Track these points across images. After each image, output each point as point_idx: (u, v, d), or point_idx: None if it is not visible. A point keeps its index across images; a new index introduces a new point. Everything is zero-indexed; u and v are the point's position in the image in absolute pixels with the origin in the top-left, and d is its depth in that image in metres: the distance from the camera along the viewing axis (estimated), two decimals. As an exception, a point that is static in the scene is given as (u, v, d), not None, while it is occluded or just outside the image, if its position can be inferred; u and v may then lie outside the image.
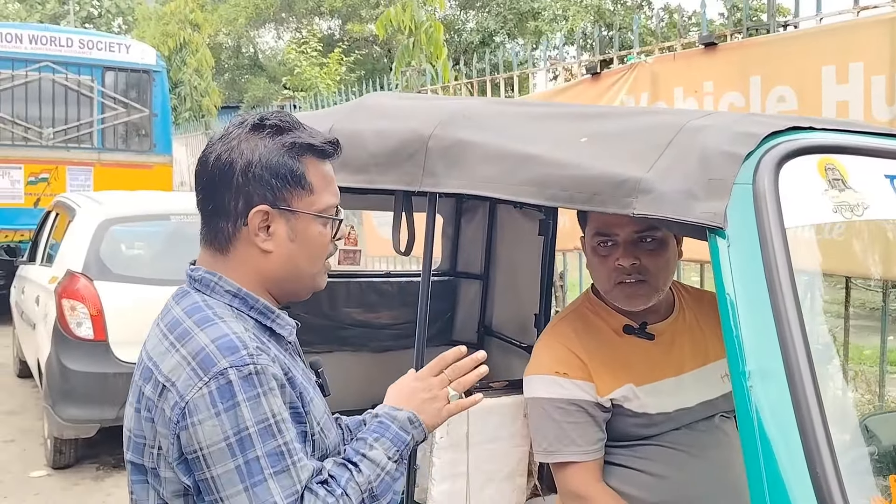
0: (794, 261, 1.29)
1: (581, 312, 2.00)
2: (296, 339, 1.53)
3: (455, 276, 3.46)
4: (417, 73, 7.63)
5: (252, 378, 1.24)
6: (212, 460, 1.23)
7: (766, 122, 1.45)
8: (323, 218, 1.41)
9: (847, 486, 1.14)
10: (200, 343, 1.27)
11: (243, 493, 1.22)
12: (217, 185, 1.37)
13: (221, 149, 1.38)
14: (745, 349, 1.24)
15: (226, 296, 1.37)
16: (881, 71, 3.43)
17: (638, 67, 4.80)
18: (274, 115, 1.43)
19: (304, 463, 1.27)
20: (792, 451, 1.17)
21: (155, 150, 10.01)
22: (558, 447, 1.85)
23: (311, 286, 1.46)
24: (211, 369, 1.24)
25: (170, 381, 1.26)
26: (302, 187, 1.38)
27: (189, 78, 14.57)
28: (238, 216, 1.36)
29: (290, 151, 1.38)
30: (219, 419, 1.22)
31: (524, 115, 1.94)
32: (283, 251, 1.38)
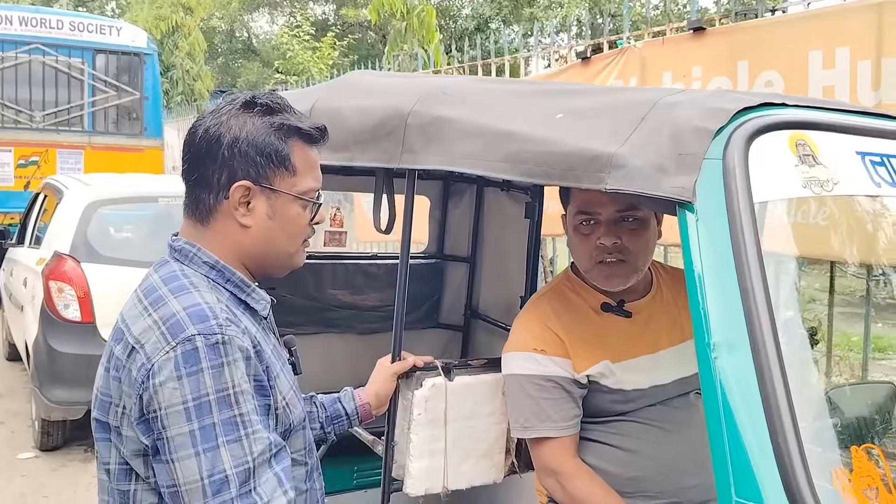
0: (769, 241, 1.30)
1: (560, 290, 2.01)
2: (272, 317, 1.55)
3: (442, 258, 3.47)
4: (410, 58, 7.62)
5: (218, 347, 1.27)
6: (168, 422, 1.25)
7: (739, 98, 1.45)
8: (302, 200, 1.45)
9: (809, 458, 1.16)
10: (172, 309, 1.31)
11: (194, 458, 1.24)
12: (203, 157, 1.41)
13: (211, 122, 1.42)
14: (711, 321, 1.25)
15: (203, 267, 1.41)
16: (867, 56, 3.45)
17: (627, 52, 4.81)
18: (265, 95, 1.47)
19: (261, 436, 1.29)
20: (755, 422, 1.18)
21: (146, 134, 9.97)
22: (534, 423, 1.86)
23: (287, 265, 1.50)
24: (179, 335, 1.27)
25: (139, 343, 1.30)
26: (285, 168, 1.42)
27: (181, 62, 14.49)
28: (220, 189, 1.40)
29: (278, 132, 1.42)
30: (180, 383, 1.25)
31: (502, 92, 1.94)
32: (261, 227, 1.42)
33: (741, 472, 1.18)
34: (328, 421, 1.86)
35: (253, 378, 1.33)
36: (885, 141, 1.49)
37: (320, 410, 1.86)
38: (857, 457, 1.30)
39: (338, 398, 1.91)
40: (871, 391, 1.78)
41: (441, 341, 3.44)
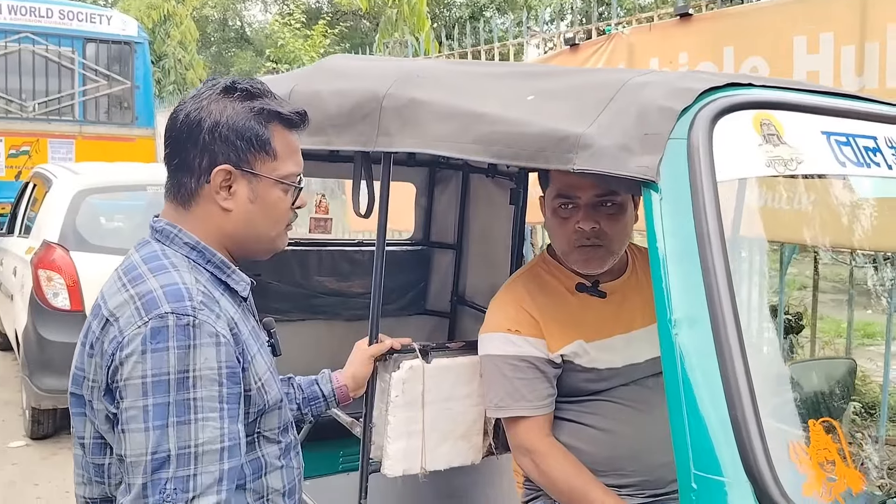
0: (744, 225, 1.32)
1: (536, 272, 2.02)
2: (251, 299, 1.57)
3: (428, 245, 3.48)
4: (400, 45, 7.60)
5: (188, 329, 1.29)
6: (125, 393, 1.27)
7: (705, 79, 1.46)
8: (283, 184, 1.46)
9: (767, 431, 1.18)
10: (150, 286, 1.33)
11: (143, 433, 1.26)
12: (184, 142, 1.42)
13: (192, 107, 1.43)
14: (673, 298, 1.27)
15: (184, 247, 1.42)
16: (851, 41, 3.46)
17: (615, 39, 4.81)
18: (245, 80, 1.48)
19: (212, 424, 1.29)
20: (714, 396, 1.20)
21: (137, 123, 9.94)
22: (509, 402, 1.88)
23: (269, 248, 1.53)
24: (153, 311, 1.29)
25: (114, 316, 1.32)
26: (266, 152, 1.44)
27: (173, 51, 14.43)
28: (202, 173, 1.42)
29: (258, 117, 1.43)
30: (143, 357, 1.26)
31: (475, 75, 1.95)
32: (242, 211, 1.44)
33: (700, 445, 1.20)
34: (305, 402, 1.88)
35: (225, 364, 1.33)
36: (850, 121, 1.51)
37: (297, 392, 1.87)
38: (814, 430, 1.32)
39: (315, 380, 1.92)
40: (831, 367, 1.80)
41: (427, 328, 3.46)
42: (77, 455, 1.43)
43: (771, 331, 1.74)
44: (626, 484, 1.86)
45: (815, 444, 1.30)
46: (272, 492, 1.49)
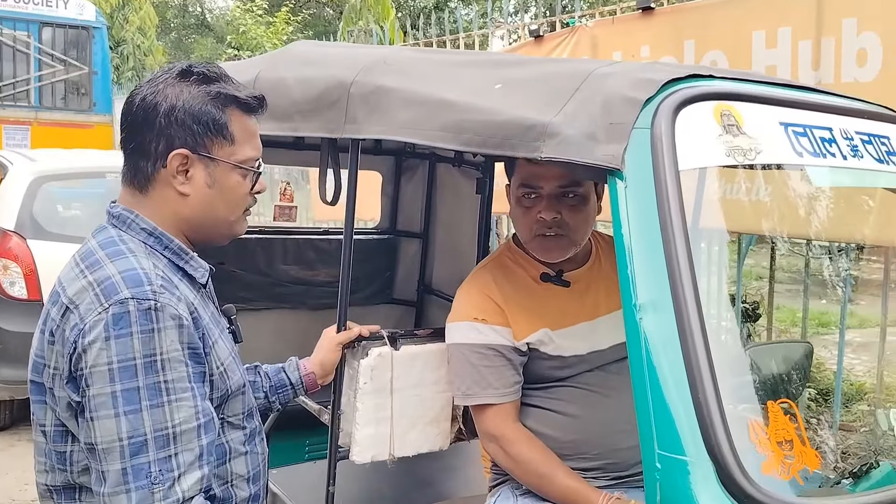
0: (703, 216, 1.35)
1: (501, 261, 2.05)
2: (211, 286, 1.57)
3: (395, 234, 3.49)
4: (365, 34, 7.57)
5: (150, 313, 1.29)
6: (91, 380, 1.27)
7: (668, 70, 1.50)
8: (241, 169, 1.47)
9: (727, 410, 1.22)
10: (108, 272, 1.32)
11: (113, 419, 1.26)
12: (140, 126, 1.42)
13: (147, 91, 1.43)
14: (637, 283, 1.30)
15: (141, 233, 1.42)
16: (808, 36, 3.54)
17: (579, 31, 4.86)
18: (202, 64, 1.48)
19: (186, 404, 1.31)
20: (677, 378, 1.24)
21: (95, 110, 9.74)
22: (476, 390, 1.90)
23: (227, 233, 1.53)
24: (113, 297, 1.29)
25: (73, 304, 1.31)
26: (223, 137, 1.44)
27: (132, 36, 14.16)
28: (158, 157, 1.41)
29: (215, 101, 1.43)
30: (107, 344, 1.26)
31: (443, 63, 1.96)
32: (200, 196, 1.44)
33: (663, 426, 1.23)
34: (272, 390, 1.88)
35: (187, 346, 1.34)
36: (807, 112, 1.55)
37: (264, 380, 1.88)
38: (773, 411, 1.37)
39: (282, 368, 1.93)
40: (789, 350, 1.86)
41: (394, 316, 3.47)
42: (38, 443, 1.43)
43: (731, 315, 1.79)
44: (591, 467, 1.90)
45: (773, 425, 1.34)
46: (236, 477, 1.50)
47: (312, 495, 2.26)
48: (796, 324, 7.11)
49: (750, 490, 1.17)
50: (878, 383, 3.64)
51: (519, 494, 1.94)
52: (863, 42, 3.28)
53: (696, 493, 1.19)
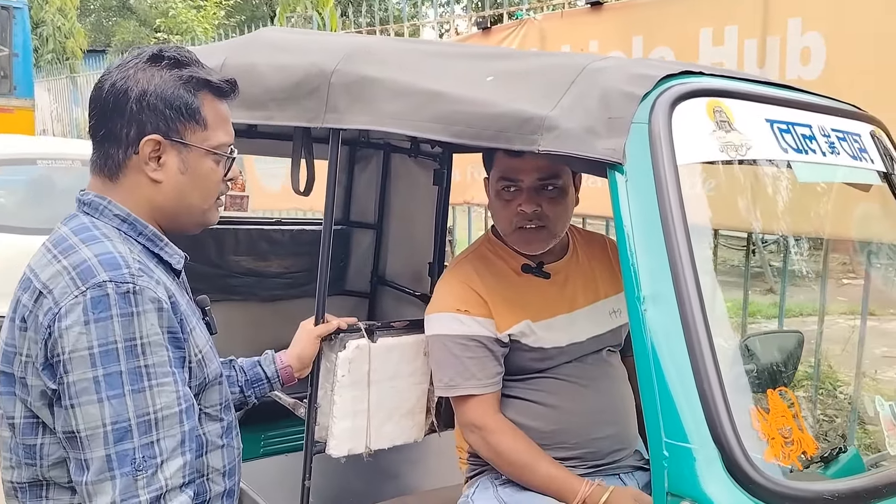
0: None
1: (481, 253, 2.06)
2: (184, 275, 1.55)
3: (348, 225, 3.45)
4: (303, 21, 7.45)
5: (129, 296, 1.26)
6: (71, 366, 1.24)
7: (661, 66, 1.53)
8: (215, 155, 1.45)
9: (730, 399, 1.25)
10: (83, 256, 1.30)
11: (96, 404, 1.24)
12: (110, 112, 1.39)
13: (118, 76, 1.39)
14: (640, 276, 1.33)
15: (114, 219, 1.39)
16: (753, 34, 3.64)
17: (527, 24, 4.88)
18: (173, 48, 1.45)
19: (167, 389, 1.29)
20: (681, 369, 1.27)
21: (16, 93, 9.30)
22: (459, 381, 1.91)
23: (201, 221, 1.50)
24: (90, 280, 1.26)
25: (47, 289, 1.28)
26: (196, 122, 1.41)
27: (52, 18, 13.60)
28: (129, 144, 1.38)
29: (187, 85, 1.41)
30: (87, 328, 1.24)
31: (429, 54, 1.95)
32: (173, 182, 1.42)
33: (670, 415, 1.26)
34: (248, 385, 1.85)
35: (167, 329, 1.32)
36: (789, 109, 1.61)
37: (239, 374, 1.84)
38: (772, 399, 1.42)
39: (258, 361, 1.89)
40: (782, 339, 1.93)
41: (347, 308, 3.43)
42: (4, 437, 1.39)
43: (724, 305, 1.85)
44: (570, 456, 1.93)
45: (773, 412, 1.39)
46: (212, 471, 1.48)
47: (283, 490, 2.23)
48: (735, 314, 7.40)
49: (755, 476, 1.21)
50: (815, 371, 3.80)
51: (498, 485, 1.95)
52: (807, 41, 3.40)
53: (703, 479, 1.23)
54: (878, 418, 1.58)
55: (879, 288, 3.44)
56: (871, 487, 1.35)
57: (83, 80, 12.62)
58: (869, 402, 1.66)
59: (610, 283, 2.05)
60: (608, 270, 2.06)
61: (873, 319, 4.93)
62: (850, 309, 5.71)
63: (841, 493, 1.30)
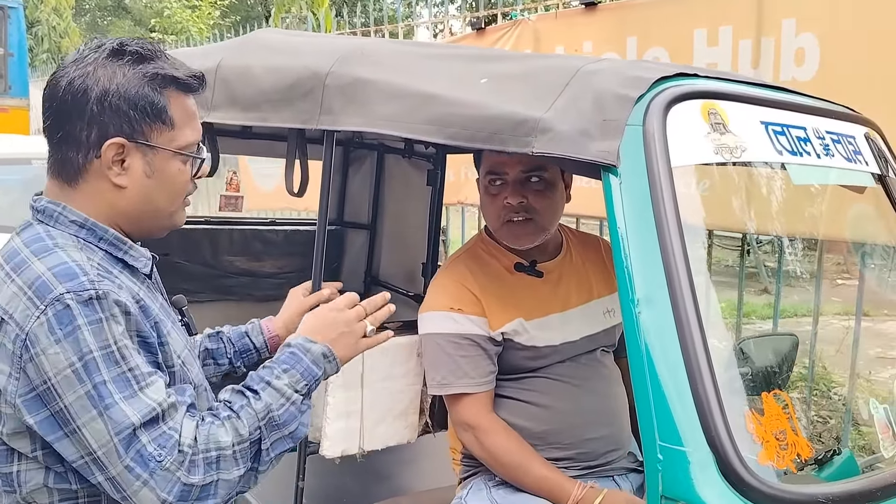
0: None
1: (474, 251, 2.06)
2: (157, 275, 1.49)
3: (342, 225, 3.45)
4: (298, 21, 7.44)
5: (93, 303, 1.19)
6: (61, 389, 1.18)
7: (656, 68, 1.53)
8: (183, 155, 1.36)
9: (724, 402, 1.25)
10: (37, 272, 1.21)
11: (98, 419, 1.18)
12: (68, 113, 1.29)
13: (75, 73, 1.29)
14: (634, 278, 1.32)
15: (71, 226, 1.30)
16: (748, 35, 3.64)
17: (521, 24, 4.88)
18: (135, 41, 1.35)
19: (157, 383, 1.23)
20: (675, 371, 1.27)
21: (10, 93, 9.26)
22: (452, 380, 1.90)
23: (167, 224, 1.42)
24: (47, 296, 1.18)
25: (7, 314, 1.20)
26: (162, 122, 1.32)
27: (47, 17, 13.56)
28: (90, 147, 1.29)
29: (152, 82, 1.31)
30: (60, 346, 1.17)
31: (423, 56, 1.95)
32: (138, 187, 1.33)
33: (664, 418, 1.26)
34: (237, 356, 1.81)
35: (136, 334, 1.25)
36: (784, 112, 1.61)
37: (227, 346, 1.80)
38: (767, 402, 1.42)
39: (245, 332, 1.84)
40: (777, 342, 1.93)
41: (340, 308, 3.43)
42: None
43: (719, 307, 1.85)
44: (563, 457, 1.93)
45: (768, 415, 1.39)
46: None
47: (277, 491, 2.22)
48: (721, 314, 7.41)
49: (749, 479, 1.21)
50: (809, 372, 3.81)
51: (492, 486, 1.95)
52: (801, 42, 3.40)
53: (697, 483, 1.22)
54: (872, 420, 1.58)
55: (874, 289, 3.45)
56: (865, 490, 1.35)
57: (78, 80, 12.53)
58: (863, 404, 1.66)
59: (604, 283, 2.05)
60: (602, 271, 2.07)
61: (867, 320, 4.95)
62: (845, 310, 5.72)
63: (835, 496, 1.30)
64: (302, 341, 1.42)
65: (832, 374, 4.96)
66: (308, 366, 1.39)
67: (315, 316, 1.49)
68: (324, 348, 1.42)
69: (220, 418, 1.28)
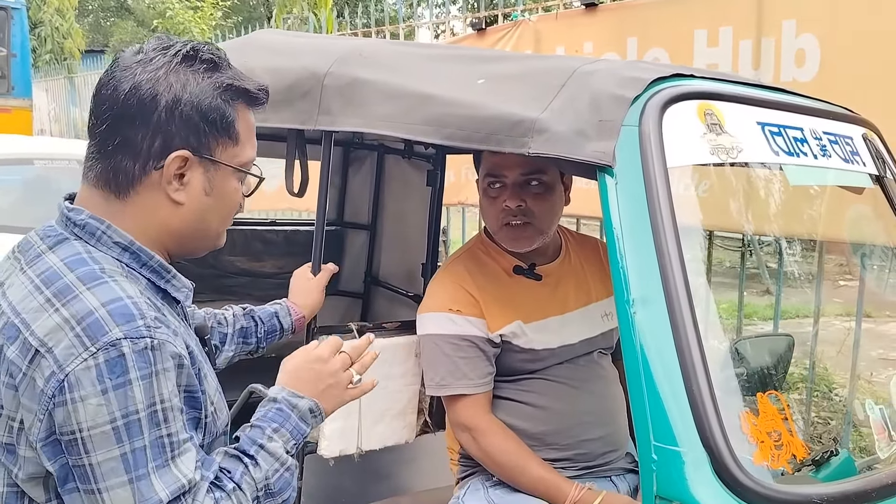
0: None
1: (474, 253, 2.06)
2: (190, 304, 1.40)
3: (342, 226, 3.46)
4: (300, 22, 7.45)
5: (147, 353, 1.09)
6: (92, 445, 1.07)
7: (652, 69, 1.53)
8: (243, 173, 1.28)
9: (719, 403, 1.26)
10: (88, 305, 1.09)
11: (127, 486, 1.08)
12: (132, 118, 1.18)
13: (144, 77, 1.18)
14: (630, 279, 1.33)
15: (114, 248, 1.19)
16: (748, 35, 3.64)
17: (522, 25, 4.89)
18: (206, 47, 1.25)
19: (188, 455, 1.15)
20: (670, 371, 1.27)
21: (13, 93, 9.28)
22: (450, 381, 1.91)
23: (211, 245, 1.33)
24: (101, 338, 1.07)
25: (45, 347, 1.08)
26: (229, 136, 1.23)
27: (50, 18, 13.58)
28: (150, 158, 1.19)
29: (224, 94, 1.22)
30: (105, 398, 1.06)
31: (421, 56, 1.95)
32: (195, 205, 1.23)
33: (658, 418, 1.26)
34: (265, 336, 1.85)
35: (184, 389, 1.17)
36: (781, 112, 1.61)
37: (259, 325, 1.84)
38: (762, 402, 1.42)
39: (275, 313, 1.89)
40: (773, 343, 1.93)
41: (341, 308, 3.44)
42: None
43: (715, 308, 1.85)
44: (560, 458, 1.93)
45: (763, 415, 1.39)
46: None
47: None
48: (721, 314, 7.40)
49: (743, 479, 1.22)
50: (809, 373, 3.81)
51: (489, 486, 1.95)
52: (801, 43, 3.40)
53: (691, 482, 1.23)
54: (868, 421, 1.58)
55: (875, 290, 3.45)
56: (860, 491, 1.35)
57: (81, 81, 12.60)
58: (862, 406, 1.66)
59: (602, 286, 2.05)
60: (600, 273, 2.07)
61: (869, 321, 4.95)
62: (846, 311, 5.72)
63: (830, 496, 1.30)
64: (288, 396, 1.31)
65: (833, 376, 4.96)
66: (296, 423, 1.30)
67: (297, 367, 1.37)
68: (311, 403, 1.32)
69: (227, 491, 1.18)
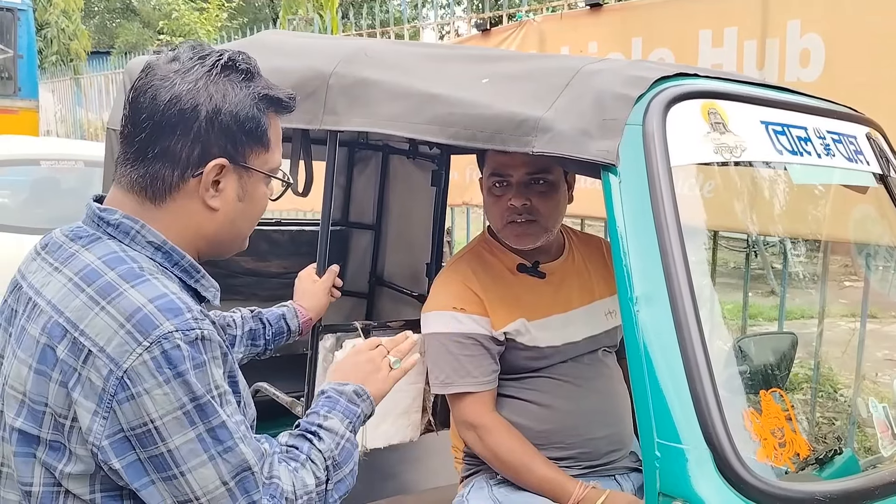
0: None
1: (478, 252, 2.07)
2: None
3: (347, 226, 3.47)
4: (305, 23, 7.46)
5: (198, 344, 1.13)
6: (167, 431, 1.10)
7: (656, 68, 1.54)
8: (275, 178, 1.33)
9: (723, 400, 1.26)
10: (135, 302, 1.12)
11: (208, 463, 1.12)
12: (172, 128, 1.21)
13: (183, 87, 1.21)
14: (633, 276, 1.33)
15: (147, 248, 1.22)
16: (753, 36, 3.64)
17: (527, 25, 4.89)
18: (241, 56, 1.28)
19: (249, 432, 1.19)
20: (674, 369, 1.27)
21: (20, 95, 9.33)
22: (455, 379, 1.92)
23: (238, 248, 1.37)
24: (152, 332, 1.10)
25: (97, 346, 1.11)
26: (262, 144, 1.28)
27: (56, 19, 13.65)
28: (189, 166, 1.22)
29: (259, 104, 1.26)
30: (169, 386, 1.09)
31: (426, 56, 1.96)
32: (229, 210, 1.27)
33: (662, 415, 1.26)
34: (273, 338, 1.89)
35: (228, 376, 1.21)
36: (785, 111, 1.61)
37: (267, 327, 1.87)
38: (765, 400, 1.42)
39: (282, 315, 1.93)
40: (776, 340, 1.93)
41: (345, 308, 3.45)
42: (10, 502, 1.20)
43: (720, 306, 1.86)
44: (565, 456, 1.93)
45: (766, 413, 1.40)
46: None
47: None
48: (725, 315, 7.39)
49: (746, 477, 1.22)
50: (814, 374, 3.80)
51: (493, 484, 1.96)
52: (806, 43, 3.40)
53: (694, 480, 1.23)
54: (871, 419, 1.59)
55: (880, 291, 3.44)
56: (863, 489, 1.35)
57: (87, 82, 12.65)
58: (866, 406, 1.67)
59: (606, 285, 2.06)
60: (604, 272, 2.07)
61: (874, 322, 4.93)
62: (851, 311, 5.71)
63: (833, 494, 1.30)
64: (334, 385, 1.44)
65: (838, 377, 4.95)
66: (346, 406, 1.40)
67: (340, 365, 1.53)
68: (356, 387, 1.44)
69: (300, 462, 1.26)
